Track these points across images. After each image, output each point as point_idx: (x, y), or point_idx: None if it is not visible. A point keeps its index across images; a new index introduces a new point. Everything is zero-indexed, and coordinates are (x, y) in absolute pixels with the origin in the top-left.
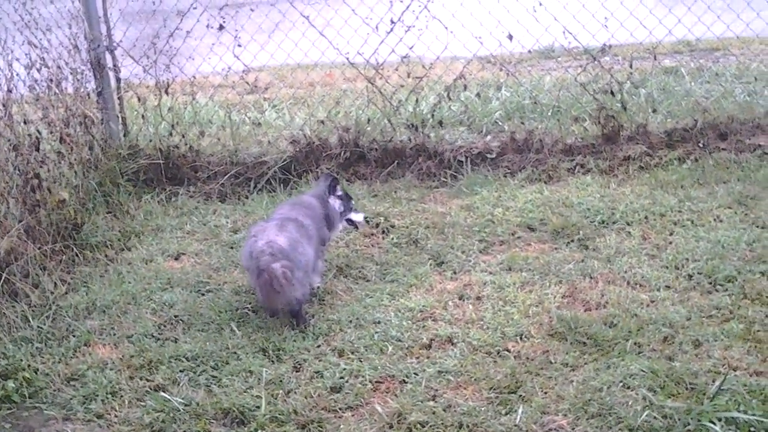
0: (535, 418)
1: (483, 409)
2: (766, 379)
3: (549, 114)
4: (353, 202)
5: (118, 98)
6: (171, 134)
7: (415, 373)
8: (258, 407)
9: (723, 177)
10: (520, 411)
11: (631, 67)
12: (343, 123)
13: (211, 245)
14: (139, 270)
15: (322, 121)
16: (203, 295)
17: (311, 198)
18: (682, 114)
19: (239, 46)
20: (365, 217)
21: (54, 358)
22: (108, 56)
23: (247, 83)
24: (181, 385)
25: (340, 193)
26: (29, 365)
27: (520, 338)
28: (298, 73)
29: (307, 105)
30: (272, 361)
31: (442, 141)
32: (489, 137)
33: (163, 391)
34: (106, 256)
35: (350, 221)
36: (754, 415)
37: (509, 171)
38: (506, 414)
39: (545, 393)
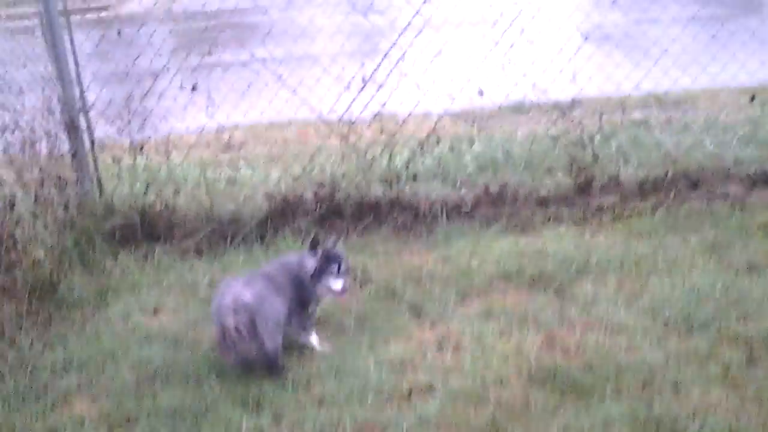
0: None
1: None
2: (745, 420)
3: (522, 167)
4: (336, 266)
5: (93, 159)
6: (146, 193)
7: (396, 422)
8: None
9: (695, 225)
10: None
11: (600, 120)
12: (318, 179)
13: (189, 300)
14: (117, 326)
15: (297, 178)
16: (182, 349)
17: (293, 256)
18: (652, 164)
19: (213, 105)
20: (344, 288)
21: (32, 415)
22: (82, 118)
23: (222, 142)
24: None
25: (319, 253)
26: (6, 422)
27: (500, 385)
28: (272, 131)
29: (282, 162)
30: (252, 412)
31: (416, 195)
32: (463, 190)
33: None
34: (82, 313)
35: (329, 289)
36: None
37: (484, 222)
38: None
39: None
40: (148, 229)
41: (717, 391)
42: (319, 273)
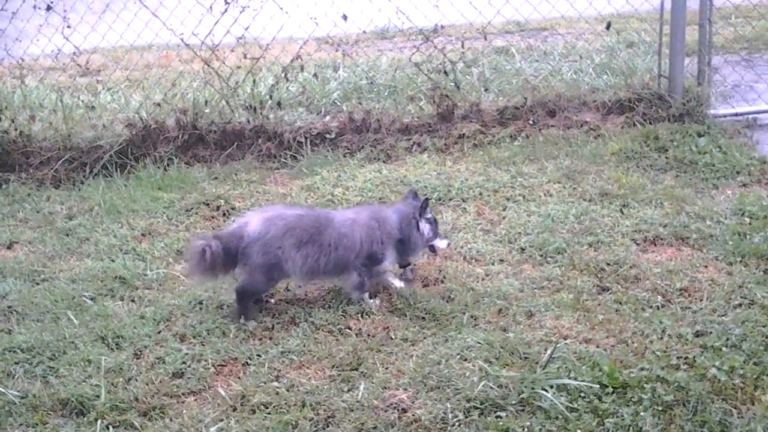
0: (376, 393)
1: (326, 387)
2: (595, 346)
3: (386, 94)
4: (437, 226)
5: None
6: None
7: (258, 355)
8: (98, 396)
9: (552, 153)
10: (362, 387)
11: (463, 47)
12: (181, 105)
13: (46, 233)
14: None
15: (159, 104)
16: (38, 284)
17: (389, 213)
18: (512, 92)
19: (69, 27)
20: (449, 244)
21: None
22: None
23: (79, 65)
24: (16, 377)
25: (429, 215)
26: None
27: (362, 316)
28: (132, 55)
29: (143, 87)
30: (112, 349)
31: (281, 122)
32: (328, 118)
33: None
34: None
35: (432, 248)
36: (583, 380)
37: (348, 151)
38: (348, 391)
39: (386, 368)
40: (1, 158)
41: (568, 318)
42: (434, 236)
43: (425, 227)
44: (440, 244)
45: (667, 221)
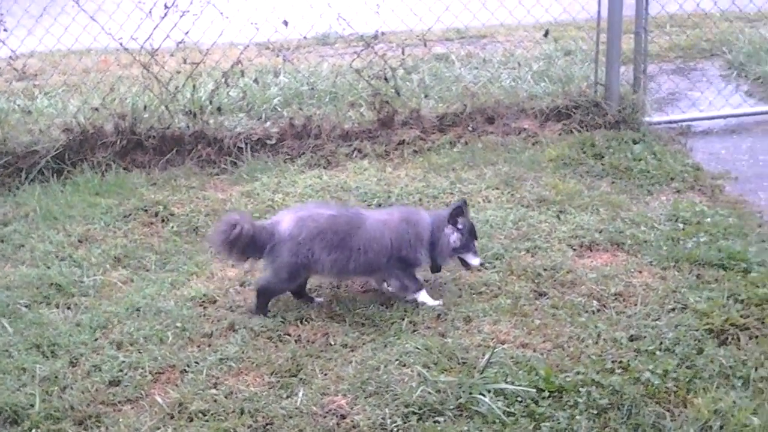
0: (315, 399)
1: (264, 393)
2: (531, 350)
3: (326, 100)
4: (475, 242)
5: None
6: None
7: (196, 362)
8: (32, 405)
9: (491, 159)
10: (300, 393)
11: (403, 53)
12: (119, 110)
13: None
14: None
15: (97, 109)
16: None
17: (423, 216)
18: (452, 99)
19: (5, 30)
20: (482, 263)
21: None
22: None
23: (15, 69)
24: None
25: (461, 226)
26: None
27: (301, 322)
28: (70, 59)
29: (81, 92)
30: (47, 357)
31: (221, 128)
32: (268, 123)
33: None
34: None
35: (464, 261)
36: (520, 385)
37: (289, 157)
38: (287, 397)
39: (325, 374)
40: None
41: (506, 323)
42: (462, 247)
43: (452, 235)
44: (472, 260)
45: (602, 227)
